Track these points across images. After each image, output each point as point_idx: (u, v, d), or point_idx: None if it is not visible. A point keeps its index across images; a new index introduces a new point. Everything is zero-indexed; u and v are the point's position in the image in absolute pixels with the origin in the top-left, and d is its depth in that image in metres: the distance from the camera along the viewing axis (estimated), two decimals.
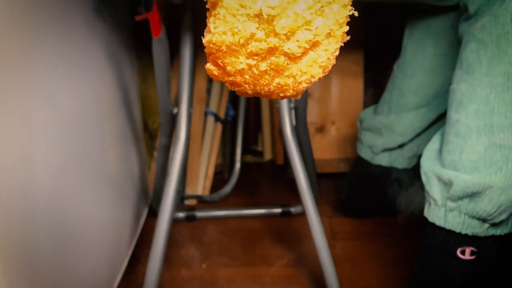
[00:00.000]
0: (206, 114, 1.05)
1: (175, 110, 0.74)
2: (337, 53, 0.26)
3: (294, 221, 0.99)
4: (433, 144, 0.59)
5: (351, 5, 0.25)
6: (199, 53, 0.94)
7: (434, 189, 0.56)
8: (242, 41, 0.25)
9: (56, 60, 0.57)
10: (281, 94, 0.27)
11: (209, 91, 1.05)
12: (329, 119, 1.10)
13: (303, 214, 0.98)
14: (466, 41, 0.54)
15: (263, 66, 0.26)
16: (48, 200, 0.55)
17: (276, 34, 0.25)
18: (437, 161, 0.58)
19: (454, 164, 0.54)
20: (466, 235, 0.54)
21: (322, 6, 0.25)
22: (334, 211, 1.00)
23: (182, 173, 0.97)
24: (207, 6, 0.25)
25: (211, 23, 0.25)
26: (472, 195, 0.53)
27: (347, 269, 0.83)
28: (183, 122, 0.70)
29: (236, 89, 0.27)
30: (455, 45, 0.69)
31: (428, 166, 0.57)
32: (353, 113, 1.09)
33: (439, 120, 0.78)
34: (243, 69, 0.26)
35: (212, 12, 0.25)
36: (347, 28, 0.26)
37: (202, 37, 0.25)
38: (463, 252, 0.55)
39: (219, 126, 1.07)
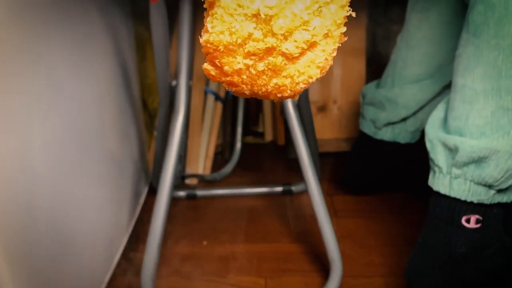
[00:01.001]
0: (206, 93, 1.03)
1: (174, 83, 0.73)
2: (334, 53, 0.26)
3: (295, 199, 0.98)
4: (438, 112, 0.58)
5: (348, 6, 0.25)
6: (199, 28, 0.92)
7: (439, 156, 0.54)
8: (239, 41, 0.25)
9: (53, 36, 0.55)
10: (279, 95, 0.27)
11: None
12: (331, 98, 1.09)
13: (304, 192, 0.98)
14: (473, 4, 0.53)
15: (261, 66, 0.26)
16: (47, 179, 0.54)
17: (273, 34, 0.25)
18: (442, 128, 0.56)
19: (459, 130, 0.53)
20: (471, 203, 0.53)
21: (320, 7, 0.25)
22: (336, 189, 0.99)
23: (181, 147, 0.96)
24: (204, 5, 0.25)
25: (208, 22, 0.25)
26: (478, 161, 0.51)
27: (349, 246, 0.82)
28: (182, 94, 0.68)
29: (234, 89, 0.27)
30: (460, 12, 0.67)
31: (433, 133, 0.56)
32: (355, 92, 1.07)
33: (443, 92, 0.76)
34: (240, 69, 0.26)
35: (210, 12, 0.25)
36: (345, 28, 0.26)
37: (199, 36, 0.25)
38: (468, 221, 0.54)
39: (219, 105, 1.05)
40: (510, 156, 0.50)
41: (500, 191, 0.53)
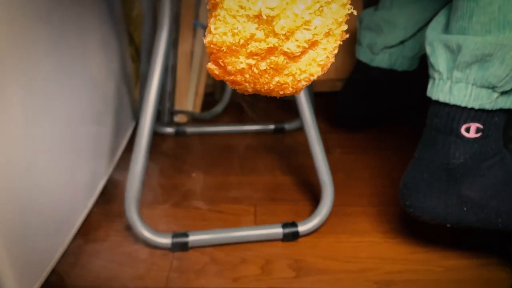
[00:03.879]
0: (195, 26, 0.99)
1: None
2: (336, 51, 0.27)
3: (287, 137, 0.95)
4: (440, 18, 0.54)
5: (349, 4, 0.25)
6: None
7: (439, 59, 0.51)
8: (242, 41, 0.25)
9: None
10: (281, 92, 0.28)
11: None
12: None
13: (297, 130, 0.95)
14: None
15: (263, 65, 0.26)
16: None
17: (275, 34, 0.25)
18: (443, 31, 0.53)
19: (463, 30, 0.49)
20: (472, 109, 0.50)
21: (321, 6, 0.25)
22: (330, 128, 0.96)
23: (170, 83, 0.92)
24: (208, 7, 0.26)
25: (211, 24, 0.25)
26: (482, 60, 0.48)
27: (341, 178, 0.80)
28: (166, 6, 0.64)
29: (237, 87, 0.28)
30: None
31: (434, 36, 0.52)
32: (350, 32, 1.03)
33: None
34: (243, 68, 0.26)
35: (213, 13, 0.25)
36: (346, 26, 0.26)
37: (203, 37, 0.26)
38: (468, 130, 0.51)
39: None
40: None
41: (503, 93, 0.50)
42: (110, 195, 0.75)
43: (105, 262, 0.63)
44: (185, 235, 0.64)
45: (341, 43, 0.27)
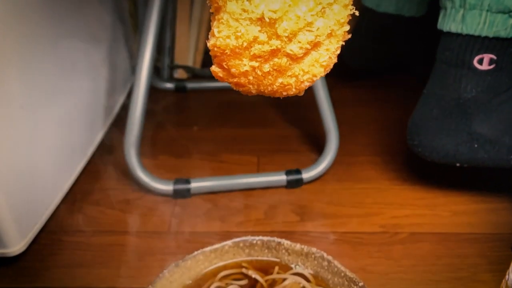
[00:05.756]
0: None
1: None
2: (338, 51, 0.27)
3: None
4: None
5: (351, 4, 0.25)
6: None
7: None
8: (245, 44, 0.25)
9: None
10: (284, 93, 0.28)
11: None
12: None
13: None
14: None
15: (266, 67, 0.26)
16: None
17: (278, 37, 0.25)
18: None
19: None
20: (486, 38, 0.48)
21: (323, 8, 0.25)
22: (334, 83, 0.93)
23: (165, 28, 0.90)
24: (210, 10, 0.26)
25: (215, 27, 0.25)
26: None
27: (346, 130, 0.77)
28: None
29: (241, 89, 0.28)
30: None
31: None
32: None
33: None
34: (247, 71, 0.26)
35: (216, 17, 0.26)
36: (348, 27, 0.26)
37: (206, 40, 0.26)
38: (480, 61, 0.49)
39: None
40: None
41: None
42: (110, 147, 0.73)
43: (105, 209, 0.62)
44: (187, 181, 0.63)
45: (343, 43, 0.27)
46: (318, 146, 0.74)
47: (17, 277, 0.52)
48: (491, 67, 0.49)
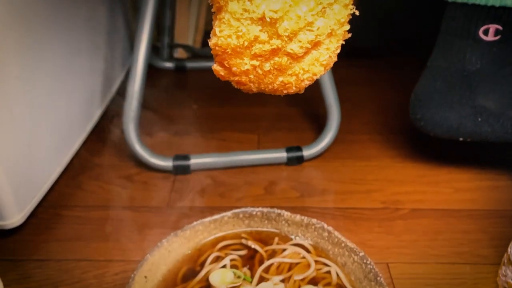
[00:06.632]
0: None
1: None
2: (338, 50, 0.27)
3: None
4: None
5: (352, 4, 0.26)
6: None
7: None
8: (246, 43, 0.25)
9: None
10: (285, 91, 0.28)
11: None
12: None
13: None
14: None
15: (267, 66, 0.27)
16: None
17: (279, 36, 0.25)
18: None
19: None
20: (492, 8, 0.47)
21: (324, 8, 0.25)
22: (337, 62, 0.92)
23: (165, 7, 0.89)
24: (212, 10, 0.26)
25: (216, 26, 0.26)
26: None
27: (348, 108, 0.76)
28: None
29: (242, 87, 0.28)
30: None
31: None
32: None
33: None
34: (247, 69, 0.27)
35: (218, 16, 0.26)
36: (348, 26, 0.26)
37: (208, 39, 0.26)
38: (486, 32, 0.48)
39: None
40: None
41: None
42: (109, 123, 0.72)
43: (103, 184, 0.61)
44: (187, 158, 0.62)
45: (343, 42, 0.27)
46: (319, 124, 0.73)
47: (15, 249, 0.52)
48: (497, 38, 0.48)
